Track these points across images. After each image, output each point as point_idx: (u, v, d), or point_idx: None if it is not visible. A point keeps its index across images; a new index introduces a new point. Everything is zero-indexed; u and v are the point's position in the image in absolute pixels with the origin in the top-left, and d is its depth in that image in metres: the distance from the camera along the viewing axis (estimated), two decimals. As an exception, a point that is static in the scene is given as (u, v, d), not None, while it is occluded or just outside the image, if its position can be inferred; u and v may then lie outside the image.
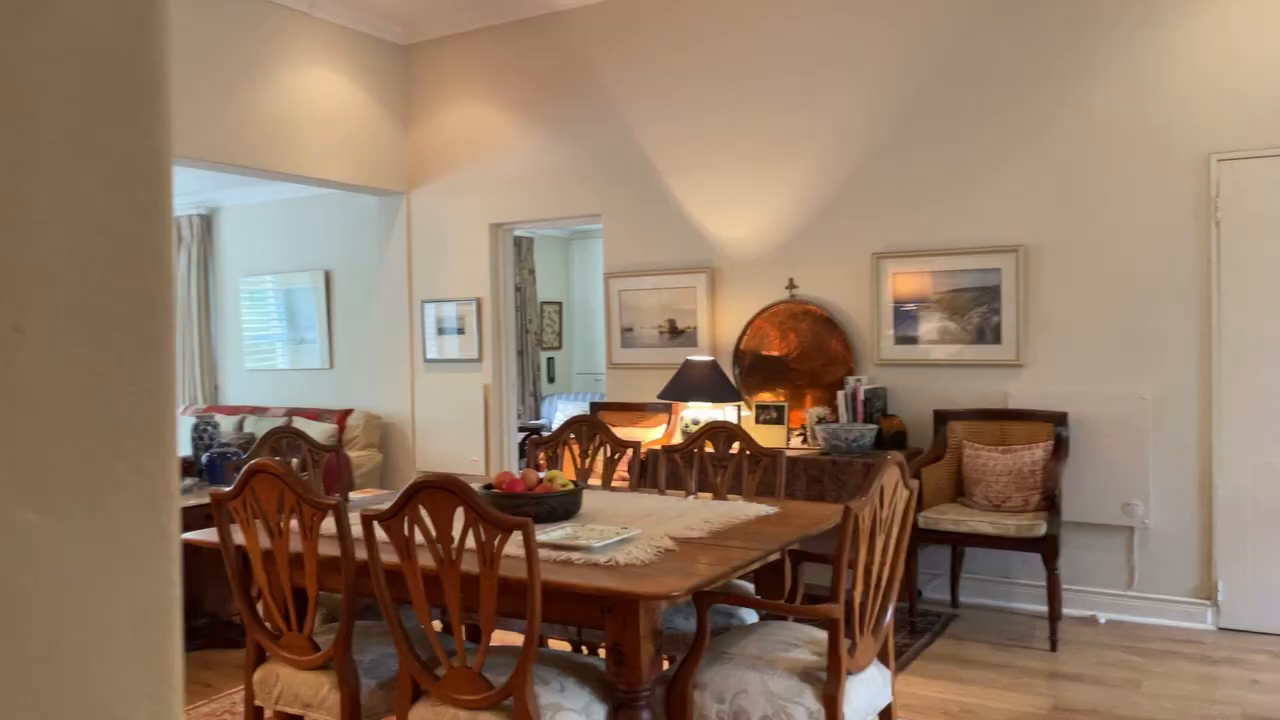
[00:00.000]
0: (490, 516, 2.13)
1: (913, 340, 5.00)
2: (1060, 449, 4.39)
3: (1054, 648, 4.09)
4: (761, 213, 5.41)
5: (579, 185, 5.98)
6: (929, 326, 4.95)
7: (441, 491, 2.17)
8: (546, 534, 2.61)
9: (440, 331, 6.50)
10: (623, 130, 5.80)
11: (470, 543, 2.18)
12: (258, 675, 2.65)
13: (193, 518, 3.96)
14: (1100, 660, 3.99)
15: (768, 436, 5.18)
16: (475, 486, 3.21)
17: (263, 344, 7.73)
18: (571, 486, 2.91)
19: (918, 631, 4.35)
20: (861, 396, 4.86)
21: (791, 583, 2.92)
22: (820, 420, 5.02)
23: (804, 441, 5.15)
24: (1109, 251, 4.53)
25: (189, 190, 7.90)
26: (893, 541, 2.53)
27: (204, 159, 5.38)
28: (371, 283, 6.97)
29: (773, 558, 2.75)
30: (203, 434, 4.50)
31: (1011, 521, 4.16)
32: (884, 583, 2.51)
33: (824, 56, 5.17)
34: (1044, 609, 4.31)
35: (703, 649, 2.40)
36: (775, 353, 5.41)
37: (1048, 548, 4.08)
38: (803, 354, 5.33)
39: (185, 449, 6.87)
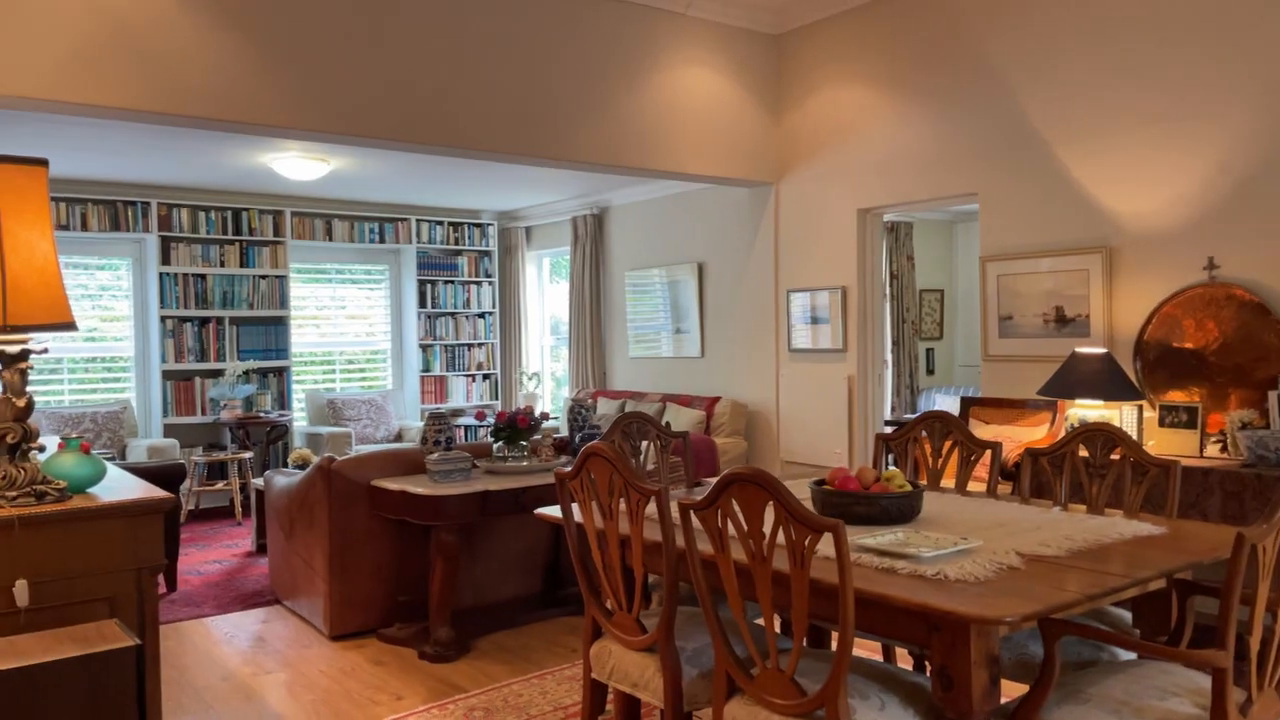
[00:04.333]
0: (800, 515, 2.01)
1: (1382, 330, 4.01)
2: None
3: None
4: (1172, 182, 4.65)
5: (953, 163, 5.58)
6: (1407, 313, 3.94)
7: (752, 485, 2.10)
8: (875, 537, 2.43)
9: (814, 320, 6.42)
10: (1004, 100, 5.30)
11: (781, 540, 2.08)
12: (594, 650, 2.77)
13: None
14: None
15: (1175, 442, 4.46)
16: (808, 482, 3.10)
17: (648, 333, 8.18)
18: (909, 487, 2.69)
19: (1375, 694, 3.48)
20: (1303, 399, 4.00)
21: (1178, 618, 2.46)
22: (1244, 425, 4.21)
23: (1222, 450, 4.35)
24: None
25: (582, 192, 8.58)
26: (1315, 582, 2.01)
27: (591, 162, 5.78)
28: (740, 273, 7.08)
29: (1153, 586, 2.32)
30: (577, 416, 4.84)
31: None
32: (1300, 632, 2.01)
33: (1258, -10, 4.31)
34: None
35: (1050, 685, 2.08)
36: (1189, 345, 4.63)
37: None
38: (1224, 346, 4.50)
39: (564, 429, 7.45)
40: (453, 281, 9.76)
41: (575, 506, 2.83)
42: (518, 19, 5.41)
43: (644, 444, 3.73)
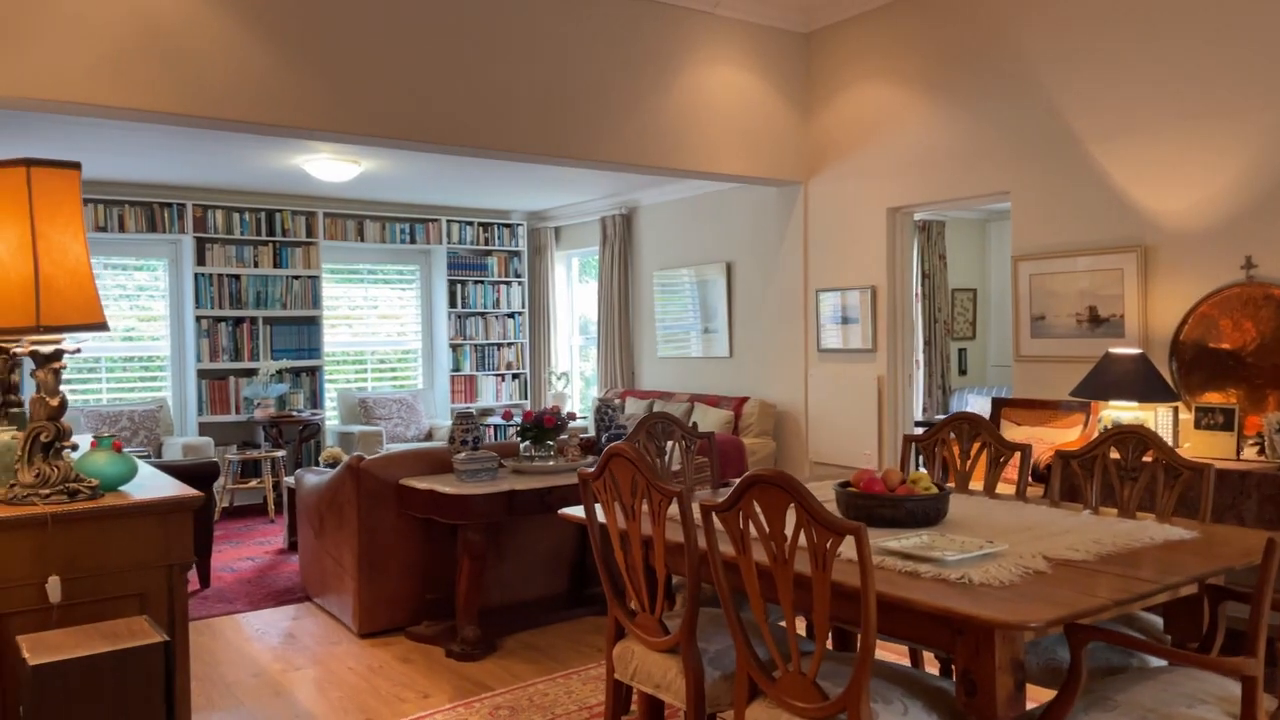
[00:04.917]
0: (821, 517, 2.00)
1: None
2: None
3: None
4: (1208, 179, 4.57)
5: (985, 161, 5.52)
6: None
7: (774, 487, 2.09)
8: (899, 540, 2.40)
9: (844, 320, 6.37)
10: (1036, 97, 5.24)
11: (803, 542, 2.07)
12: (616, 650, 2.77)
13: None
14: None
15: (1211, 444, 4.38)
16: (832, 484, 3.07)
17: (676, 333, 8.17)
18: (935, 489, 2.66)
19: None
20: (1344, 401, 3.91)
21: (1209, 624, 2.41)
22: (1283, 428, 4.12)
23: (1260, 452, 4.27)
24: None
25: (611, 192, 8.59)
26: (1351, 589, 1.97)
27: (619, 162, 5.78)
28: (769, 273, 7.05)
29: (1185, 592, 2.28)
30: (603, 415, 4.84)
31: None
32: (1336, 641, 1.96)
33: (1298, -17, 4.22)
34: None
35: (1076, 691, 2.05)
36: (1225, 345, 4.55)
37: None
38: (1262, 347, 4.42)
39: (592, 429, 7.46)
40: (482, 281, 9.81)
41: (598, 507, 2.83)
42: (545, 19, 5.43)
43: (669, 444, 3.73)
